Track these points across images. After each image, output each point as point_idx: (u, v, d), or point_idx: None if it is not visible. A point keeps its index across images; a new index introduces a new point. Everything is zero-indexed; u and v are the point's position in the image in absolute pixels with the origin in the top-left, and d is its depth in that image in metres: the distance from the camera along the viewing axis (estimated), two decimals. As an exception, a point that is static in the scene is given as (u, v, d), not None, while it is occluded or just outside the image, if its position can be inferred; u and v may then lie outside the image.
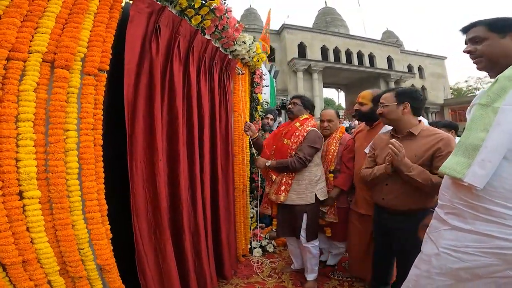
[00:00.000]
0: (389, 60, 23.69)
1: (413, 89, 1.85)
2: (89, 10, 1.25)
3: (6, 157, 0.99)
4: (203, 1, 1.90)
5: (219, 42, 2.38)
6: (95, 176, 1.24)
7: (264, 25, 3.75)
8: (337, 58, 22.06)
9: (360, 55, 22.79)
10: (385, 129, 2.04)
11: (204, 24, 2.05)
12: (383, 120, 1.85)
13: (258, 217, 3.13)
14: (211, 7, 1.96)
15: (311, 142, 2.21)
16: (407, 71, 24.37)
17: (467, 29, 1.15)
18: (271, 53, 19.62)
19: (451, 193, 1.09)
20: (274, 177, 2.32)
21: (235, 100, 2.81)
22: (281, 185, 2.27)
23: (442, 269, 1.08)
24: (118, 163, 1.51)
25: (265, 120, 3.78)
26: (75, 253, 1.15)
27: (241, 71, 2.82)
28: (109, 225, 1.31)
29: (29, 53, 1.07)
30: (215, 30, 2.19)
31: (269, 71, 6.45)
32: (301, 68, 20.36)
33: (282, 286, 2.35)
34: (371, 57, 23.15)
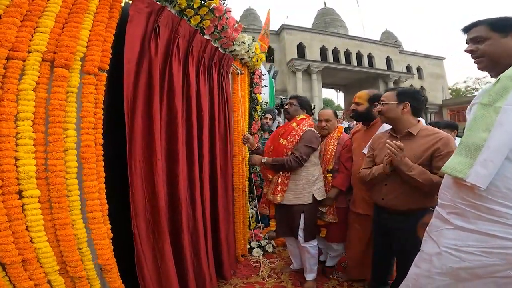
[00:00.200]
0: (388, 61, 23.75)
1: (415, 89, 1.84)
2: (88, 9, 1.25)
3: (5, 156, 0.99)
4: (202, 1, 1.91)
5: (218, 42, 2.38)
6: (96, 175, 1.24)
7: (263, 26, 3.74)
8: (336, 58, 22.10)
9: (359, 56, 22.83)
10: (382, 129, 2.04)
11: (204, 24, 2.05)
12: (381, 118, 1.84)
13: (258, 217, 3.13)
14: (210, 7, 1.97)
15: (307, 142, 2.21)
16: (406, 71, 24.43)
17: (468, 28, 1.14)
18: (270, 54, 19.64)
19: (453, 192, 1.09)
20: (271, 177, 2.33)
21: (235, 100, 2.81)
22: (278, 185, 2.27)
23: (442, 269, 1.08)
24: (118, 162, 1.51)
25: (263, 120, 3.77)
26: (74, 253, 1.15)
27: (240, 71, 2.82)
28: (110, 225, 1.31)
29: (29, 52, 1.07)
30: (214, 30, 2.20)
31: (268, 72, 6.47)
32: (300, 69, 20.39)
33: (282, 286, 2.35)
34: (370, 58, 23.20)
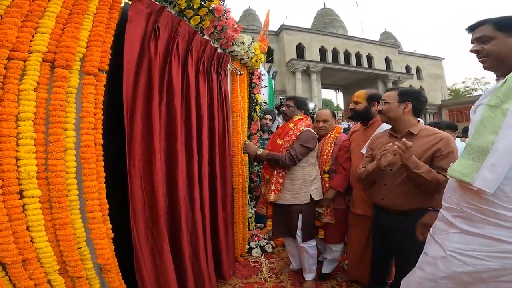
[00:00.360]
0: (387, 61, 23.80)
1: (416, 90, 1.84)
2: (88, 10, 1.26)
3: (6, 156, 0.99)
4: (202, 2, 1.91)
5: (217, 42, 2.39)
6: (96, 175, 1.25)
7: (262, 26, 3.74)
8: (335, 59, 22.14)
9: (358, 56, 22.88)
10: (381, 129, 2.03)
11: (203, 25, 2.06)
12: (382, 117, 1.83)
13: (258, 217, 3.13)
14: (210, 7, 1.97)
15: (303, 141, 2.22)
16: (405, 72, 24.51)
17: (473, 28, 1.12)
18: (269, 54, 19.63)
19: (458, 196, 1.06)
20: (268, 177, 2.34)
21: (234, 101, 2.82)
22: (272, 184, 2.28)
23: (447, 272, 1.06)
24: (118, 162, 1.52)
25: (263, 121, 3.76)
26: (74, 253, 1.16)
27: (239, 71, 2.83)
28: (111, 225, 1.32)
29: (30, 52, 1.08)
30: (214, 31, 2.21)
31: (268, 72, 6.46)
32: (300, 69, 20.42)
33: (281, 286, 2.35)
34: (369, 58, 23.24)
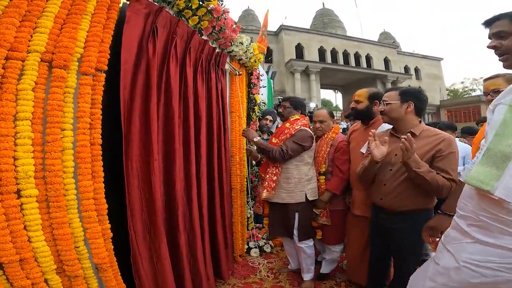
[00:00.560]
0: (386, 61, 23.84)
1: (417, 89, 1.80)
2: (86, 11, 1.26)
3: (4, 156, 0.99)
4: (201, 2, 1.92)
5: (216, 43, 2.39)
6: (92, 175, 1.25)
7: (261, 27, 3.74)
8: (334, 59, 22.16)
9: (357, 56, 22.91)
10: (382, 128, 2.01)
11: (202, 25, 2.06)
12: (384, 118, 1.79)
13: (256, 217, 3.14)
14: (209, 8, 1.98)
15: (296, 139, 2.23)
16: (403, 72, 24.56)
17: (490, 22, 1.05)
18: (268, 54, 19.63)
19: (475, 203, 1.00)
20: (263, 175, 2.35)
21: (233, 101, 2.82)
22: (265, 181, 2.29)
23: (461, 283, 1.01)
24: (118, 162, 1.52)
25: (263, 121, 3.72)
26: (71, 252, 1.16)
27: (238, 72, 2.83)
28: (109, 224, 1.32)
29: (28, 52, 1.08)
30: (212, 31, 2.21)
31: (267, 72, 6.47)
32: (299, 69, 20.43)
33: (280, 286, 2.35)
34: (368, 58, 23.27)
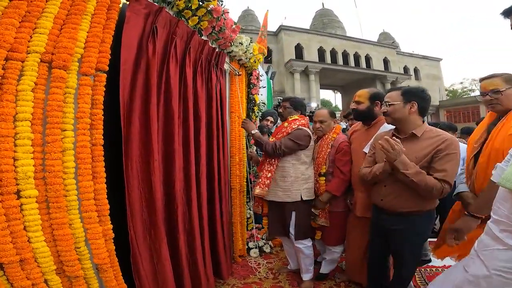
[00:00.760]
0: (386, 62, 23.85)
1: (420, 88, 1.77)
2: (86, 11, 1.26)
3: (4, 156, 0.99)
4: (200, 2, 1.92)
5: (216, 43, 2.39)
6: (94, 175, 1.25)
7: (261, 27, 3.74)
8: (334, 59, 22.16)
9: (356, 57, 22.91)
10: (384, 128, 1.99)
11: (201, 25, 2.06)
12: (387, 119, 1.77)
13: (256, 218, 3.14)
14: (208, 8, 1.98)
15: (292, 136, 2.24)
16: (403, 72, 24.56)
17: (509, 12, 0.99)
18: (268, 55, 19.60)
19: (509, 207, 0.96)
20: (260, 173, 2.36)
21: (232, 101, 2.82)
22: (259, 178, 2.31)
23: None
24: (119, 162, 1.52)
25: (264, 122, 3.69)
26: (71, 253, 1.16)
27: (238, 72, 2.83)
28: (111, 225, 1.32)
29: (27, 53, 1.08)
30: (212, 31, 2.21)
31: (266, 73, 6.48)
32: (298, 70, 20.43)
33: (279, 287, 2.35)
34: (367, 59, 23.28)
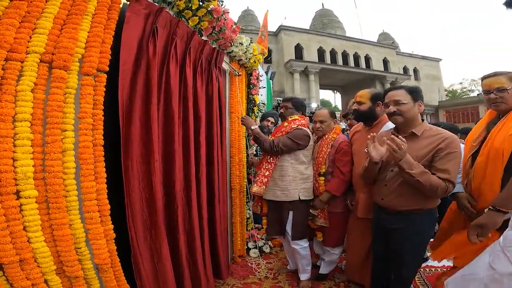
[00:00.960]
0: (385, 62, 23.86)
1: (419, 87, 1.76)
2: (87, 11, 1.26)
3: (3, 157, 0.99)
4: (201, 3, 1.92)
5: (216, 43, 2.39)
6: (95, 176, 1.25)
7: (260, 28, 3.74)
8: (333, 59, 22.17)
9: (356, 57, 22.93)
10: (386, 128, 1.98)
11: (202, 26, 2.06)
12: (398, 119, 1.69)
13: (256, 218, 3.14)
14: (209, 8, 1.98)
15: (291, 135, 2.25)
16: (402, 72, 24.57)
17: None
18: (268, 55, 19.65)
19: None
20: (258, 171, 2.37)
21: (232, 102, 2.82)
22: (257, 176, 2.32)
23: None
24: (119, 163, 1.52)
25: (264, 123, 3.68)
26: (71, 253, 1.16)
27: (237, 72, 2.83)
28: (112, 225, 1.32)
29: (27, 53, 1.08)
30: (212, 32, 2.21)
31: (266, 73, 6.48)
32: (298, 70, 20.44)
33: (279, 287, 2.36)
34: (367, 59, 23.29)
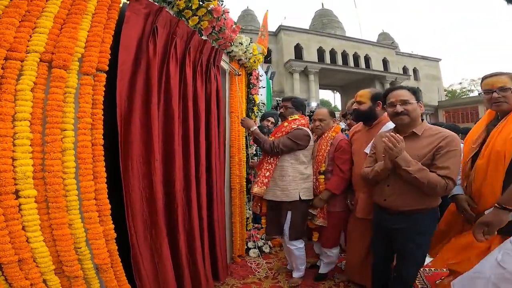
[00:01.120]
0: (385, 62, 23.86)
1: (418, 88, 1.79)
2: (87, 10, 1.26)
3: (2, 156, 0.99)
4: (201, 2, 1.91)
5: (216, 43, 2.39)
6: (94, 175, 1.25)
7: (260, 27, 3.74)
8: (333, 59, 22.17)
9: (356, 57, 22.93)
10: (386, 128, 1.98)
11: (202, 25, 2.06)
12: (404, 118, 1.68)
13: (255, 218, 3.14)
14: (209, 8, 1.97)
15: (291, 136, 2.25)
16: (402, 72, 24.56)
17: None
18: (268, 55, 19.64)
19: None
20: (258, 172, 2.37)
21: (232, 101, 2.82)
22: (257, 177, 2.32)
23: None
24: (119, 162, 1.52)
25: (264, 123, 3.67)
26: (70, 253, 1.16)
27: (237, 72, 2.83)
28: (113, 225, 1.32)
29: (27, 52, 1.08)
30: (212, 31, 2.21)
31: (266, 73, 6.48)
32: (298, 70, 20.44)
33: (278, 286, 2.36)
34: (366, 59, 23.29)
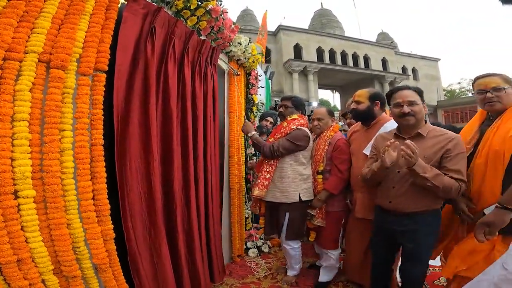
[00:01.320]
0: (384, 62, 23.90)
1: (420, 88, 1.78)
2: (85, 11, 1.26)
3: (1, 157, 0.99)
4: (199, 2, 1.91)
5: (214, 43, 2.39)
6: (94, 175, 1.25)
7: (259, 27, 3.75)
8: (332, 59, 22.19)
9: (355, 57, 22.96)
10: (384, 129, 1.98)
11: (200, 25, 2.06)
12: (410, 119, 1.66)
13: (254, 217, 3.14)
14: (207, 8, 1.98)
15: (290, 137, 2.24)
16: (401, 72, 24.62)
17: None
18: (267, 54, 19.65)
19: None
20: (258, 174, 2.38)
21: (231, 101, 2.82)
22: (258, 179, 2.33)
23: None
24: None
25: (263, 122, 3.67)
26: (69, 253, 1.16)
27: (236, 72, 2.83)
28: (112, 225, 1.32)
29: (25, 53, 1.08)
30: (211, 31, 2.21)
31: (265, 72, 6.49)
32: (297, 70, 20.45)
33: (277, 286, 2.36)
34: (366, 59, 23.32)
